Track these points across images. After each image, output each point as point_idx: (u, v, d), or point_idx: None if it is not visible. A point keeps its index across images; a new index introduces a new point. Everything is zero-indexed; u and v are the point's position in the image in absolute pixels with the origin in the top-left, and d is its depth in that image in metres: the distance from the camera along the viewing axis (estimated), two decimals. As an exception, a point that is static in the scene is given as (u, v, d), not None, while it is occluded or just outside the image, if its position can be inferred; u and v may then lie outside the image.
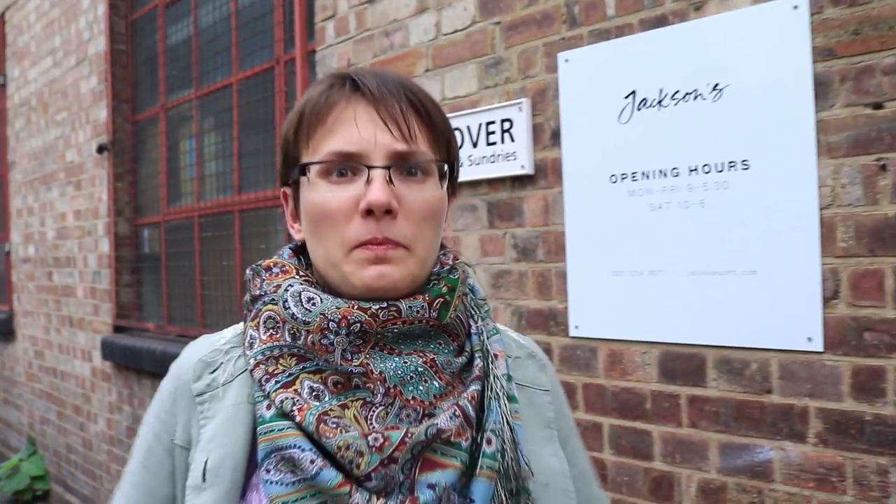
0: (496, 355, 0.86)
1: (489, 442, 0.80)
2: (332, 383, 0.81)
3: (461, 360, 0.86)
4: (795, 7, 1.70)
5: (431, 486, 0.76)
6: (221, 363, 0.88)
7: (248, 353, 0.85)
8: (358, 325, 0.79)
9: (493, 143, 2.27)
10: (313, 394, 0.80)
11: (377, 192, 0.79)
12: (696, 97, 1.87)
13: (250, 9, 3.59)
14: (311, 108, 0.85)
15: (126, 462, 3.65)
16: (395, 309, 0.81)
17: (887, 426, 1.57)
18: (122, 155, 4.61)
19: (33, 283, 5.72)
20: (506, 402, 0.83)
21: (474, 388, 0.82)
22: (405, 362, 0.81)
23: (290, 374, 0.81)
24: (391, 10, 2.61)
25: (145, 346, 4.05)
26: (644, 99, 1.96)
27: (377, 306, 0.80)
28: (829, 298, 1.66)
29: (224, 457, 0.82)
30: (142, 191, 4.62)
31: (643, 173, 1.96)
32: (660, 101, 1.94)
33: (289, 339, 0.83)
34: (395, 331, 0.81)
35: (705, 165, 1.85)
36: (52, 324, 5.41)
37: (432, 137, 0.85)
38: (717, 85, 1.84)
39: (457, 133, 2.34)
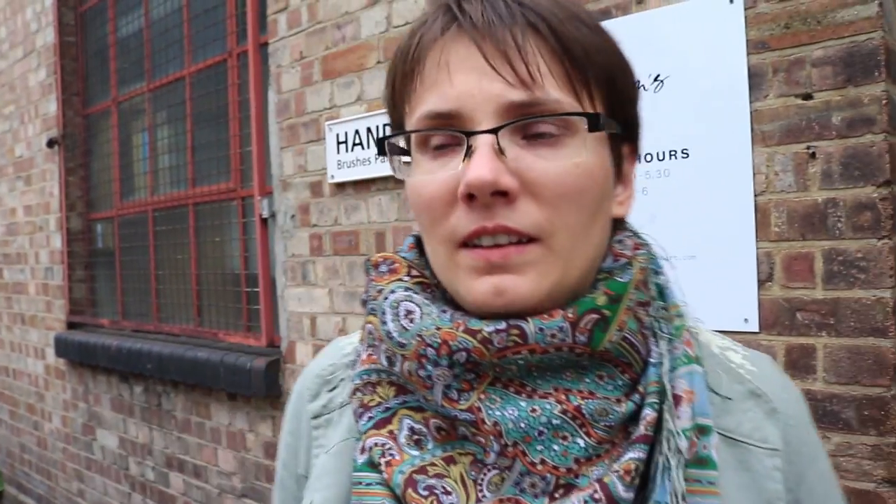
0: (679, 398, 0.58)
1: None
2: (434, 428, 0.60)
3: (625, 406, 0.58)
4: (731, 1, 1.77)
5: None
6: (341, 379, 0.70)
7: (350, 373, 0.67)
8: (464, 353, 0.56)
9: (445, 135, 2.31)
10: (413, 438, 0.60)
11: (477, 166, 0.55)
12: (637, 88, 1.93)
13: (202, 1, 3.57)
14: (401, 57, 0.64)
15: (79, 459, 3.64)
16: (517, 332, 0.56)
17: (817, 400, 1.66)
18: (74, 149, 4.55)
19: (-17, 281, 5.61)
20: (679, 474, 0.55)
21: (633, 455, 0.56)
22: (534, 410, 0.56)
23: (386, 409, 0.62)
24: (343, 2, 2.63)
25: (100, 342, 4.01)
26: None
27: (492, 328, 0.56)
28: (763, 281, 1.73)
29: (326, 502, 0.65)
30: (94, 185, 4.56)
31: (589, 163, 2.02)
32: (604, 93, 1.99)
33: (385, 364, 0.62)
34: (521, 362, 0.57)
35: (647, 154, 1.91)
36: (3, 322, 5.32)
37: (574, 75, 0.58)
38: (658, 76, 1.90)
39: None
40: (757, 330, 1.74)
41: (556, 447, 0.56)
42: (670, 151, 1.87)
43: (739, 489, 0.60)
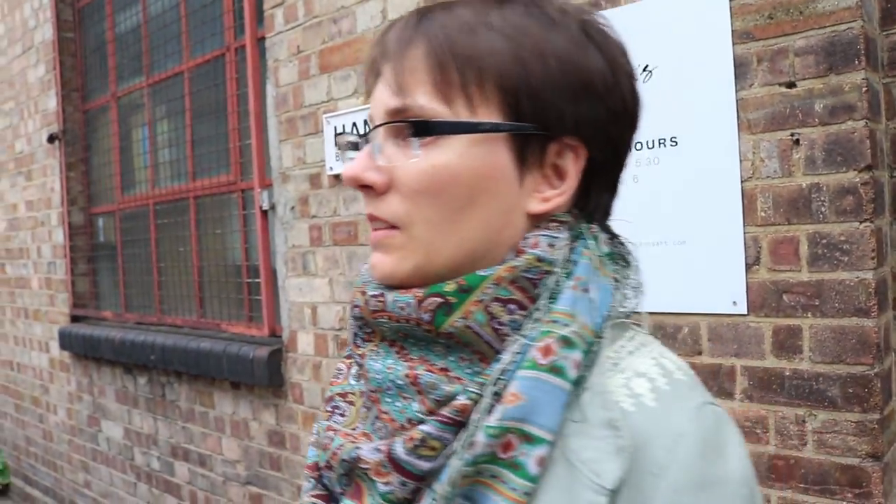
0: (501, 397, 0.60)
1: (420, 501, 0.61)
2: (357, 366, 0.71)
3: (451, 388, 0.62)
4: (717, -7, 1.82)
5: None
6: None
7: None
8: (357, 309, 0.68)
9: (440, 126, 2.36)
10: (354, 372, 0.72)
11: (348, 164, 0.66)
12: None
13: (199, -4, 3.62)
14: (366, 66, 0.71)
15: (85, 451, 3.72)
16: (382, 299, 0.65)
17: (804, 380, 1.71)
18: (74, 144, 4.60)
19: (-15, 276, 5.66)
20: (460, 463, 0.58)
21: (425, 427, 0.61)
22: (390, 368, 0.64)
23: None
24: (338, -3, 2.67)
25: (104, 335, 4.07)
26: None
27: (370, 293, 0.66)
28: (751, 264, 1.79)
29: None
30: (95, 180, 4.61)
31: (581, 152, 2.07)
32: (595, 83, 2.04)
33: None
34: (385, 325, 0.65)
35: (637, 143, 1.96)
36: (7, 316, 5.38)
37: (448, 83, 0.62)
38: (647, 66, 1.95)
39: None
40: (745, 312, 1.79)
41: (398, 404, 0.63)
42: (659, 140, 1.92)
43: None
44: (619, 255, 0.70)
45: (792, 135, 1.72)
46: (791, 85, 1.72)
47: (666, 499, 0.57)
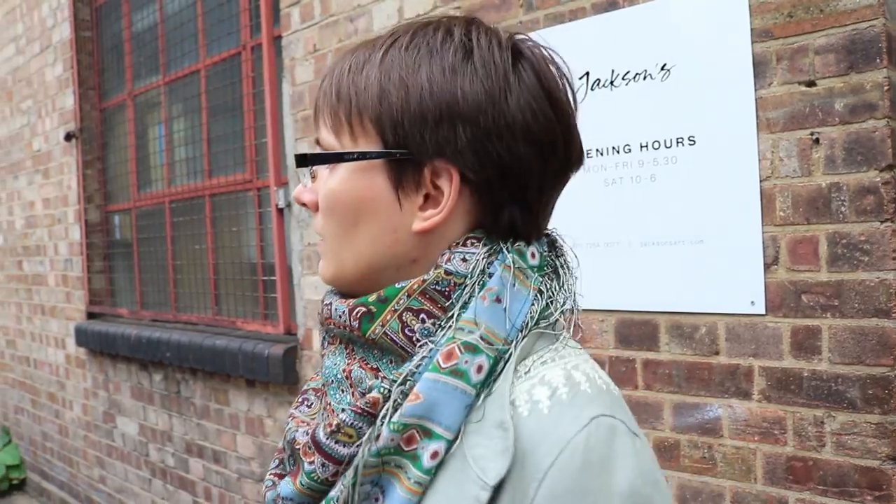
0: (405, 396, 0.65)
1: (336, 486, 0.67)
2: None
3: (373, 383, 0.68)
4: (736, -9, 1.81)
5: (277, 489, 0.72)
6: None
7: None
8: (319, 315, 0.77)
9: (456, 124, 2.36)
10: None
11: (297, 187, 0.78)
12: (645, 77, 1.97)
13: (216, -5, 3.63)
14: None
15: (100, 446, 3.75)
16: (329, 308, 0.73)
17: (822, 381, 1.70)
18: (91, 142, 4.63)
19: (3, 273, 5.71)
20: (365, 453, 0.64)
21: (342, 415, 0.67)
22: (335, 364, 0.73)
23: None
24: (355, -5, 2.68)
25: (120, 332, 4.10)
26: (597, 79, 2.06)
27: (326, 301, 0.75)
28: (769, 264, 1.77)
29: None
30: (111, 178, 4.64)
31: (597, 150, 2.06)
32: (612, 82, 2.04)
33: None
34: (335, 331, 0.73)
35: (655, 142, 1.95)
36: (24, 313, 5.42)
37: (336, 120, 0.71)
38: (665, 65, 1.94)
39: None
40: (763, 312, 1.78)
41: (338, 396, 0.71)
42: (677, 139, 1.91)
43: (448, 502, 0.63)
44: (550, 268, 0.73)
45: (812, 134, 1.71)
46: (811, 84, 1.71)
47: (542, 498, 0.60)
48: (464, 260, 0.69)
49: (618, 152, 2.02)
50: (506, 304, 0.67)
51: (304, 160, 0.74)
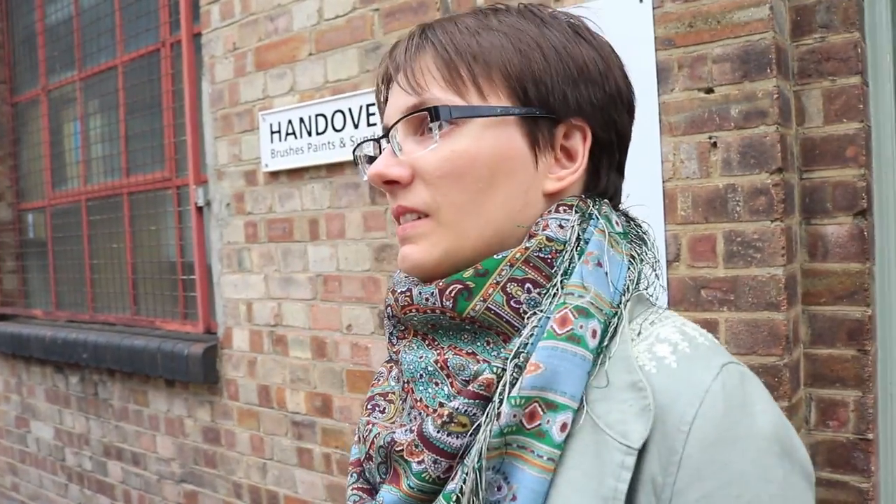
0: (522, 369, 0.62)
1: (454, 479, 0.62)
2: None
3: (477, 367, 0.65)
4: (640, 1, 1.90)
5: (380, 502, 0.66)
6: None
7: None
8: (389, 308, 0.72)
9: (374, 124, 2.39)
10: (394, 373, 0.77)
11: (373, 165, 0.70)
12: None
13: (134, -11, 3.56)
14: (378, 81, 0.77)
15: (12, 452, 3.64)
16: (409, 294, 0.69)
17: (719, 370, 1.80)
18: (2, 138, 4.47)
19: None
20: (487, 434, 0.60)
21: (453, 404, 0.63)
22: (421, 357, 0.68)
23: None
24: (275, -6, 2.68)
25: (34, 333, 3.97)
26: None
27: (399, 290, 0.70)
28: (671, 261, 1.87)
29: None
30: (24, 175, 4.49)
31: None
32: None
33: None
34: (416, 319, 0.69)
35: (566, 144, 2.03)
36: (-71, 315, 5.19)
37: (458, 76, 0.68)
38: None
39: (339, 115, 2.46)
40: (665, 307, 1.87)
41: (430, 390, 0.67)
42: (586, 141, 1.99)
43: (586, 475, 0.60)
44: (634, 235, 0.74)
45: (710, 138, 1.81)
46: (709, 90, 1.81)
47: (695, 454, 0.58)
48: (560, 226, 0.68)
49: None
50: (606, 268, 0.66)
51: (437, 113, 0.67)
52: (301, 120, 2.58)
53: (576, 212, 0.69)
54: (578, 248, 0.67)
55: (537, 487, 0.59)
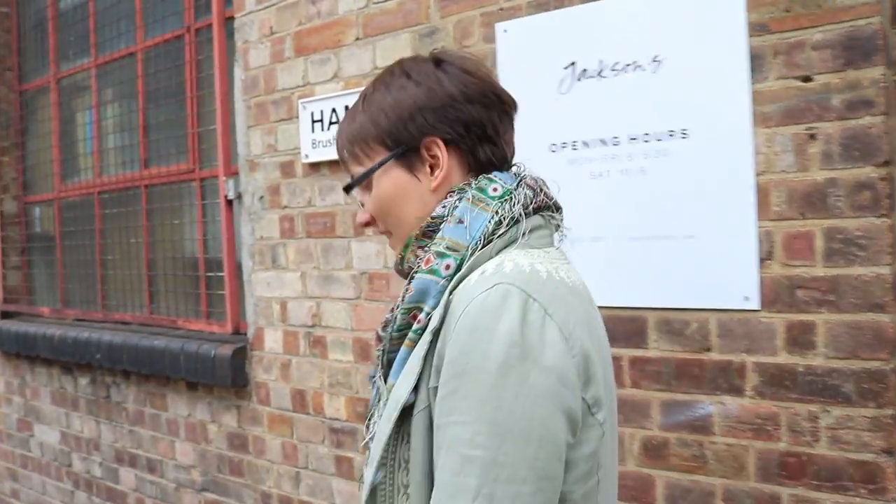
0: (408, 290, 0.99)
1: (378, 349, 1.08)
2: None
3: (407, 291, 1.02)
4: (732, -17, 1.79)
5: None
6: None
7: None
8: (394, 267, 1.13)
9: (431, 114, 2.27)
10: None
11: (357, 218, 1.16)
12: (635, 68, 1.93)
13: (155, -27, 3.42)
14: None
15: (13, 457, 3.42)
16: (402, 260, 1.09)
17: (817, 375, 1.69)
18: (7, 127, 4.29)
19: None
20: (389, 332, 1.01)
21: (387, 316, 1.05)
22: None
23: None
24: (318, -24, 2.55)
25: (40, 332, 3.81)
26: (584, 69, 2.01)
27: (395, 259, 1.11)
28: (764, 259, 1.76)
29: None
30: (31, 166, 4.32)
31: (583, 142, 2.01)
32: (600, 72, 1.99)
33: None
34: (399, 270, 1.09)
35: (645, 134, 1.91)
36: (-76, 312, 4.98)
37: (357, 154, 1.07)
38: (656, 56, 1.90)
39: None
40: (758, 308, 1.76)
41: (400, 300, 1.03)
42: (669, 131, 1.87)
43: (418, 346, 0.95)
44: (509, 196, 1.00)
45: (808, 129, 1.70)
46: (807, 79, 1.70)
47: (457, 335, 0.89)
48: (442, 206, 1.01)
49: (605, 144, 1.97)
50: (467, 223, 0.98)
51: (349, 187, 1.10)
52: (346, 108, 2.45)
53: (457, 193, 1.01)
54: (452, 215, 0.99)
55: (404, 354, 0.98)
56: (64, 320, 3.94)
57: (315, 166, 2.57)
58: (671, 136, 1.88)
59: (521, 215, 0.98)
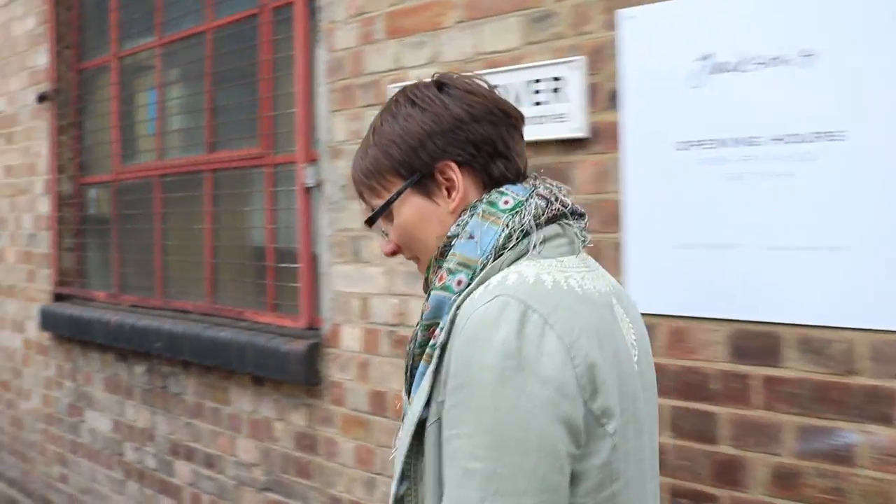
0: (426, 307, 1.03)
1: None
2: None
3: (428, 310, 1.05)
4: (902, -32, 1.61)
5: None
6: None
7: None
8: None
9: (539, 104, 2.11)
10: None
11: (382, 247, 1.19)
12: (781, 62, 1.76)
13: (229, -51, 3.28)
14: None
15: (63, 442, 3.30)
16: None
17: None
18: (66, 106, 4.19)
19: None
20: (412, 347, 1.04)
21: (414, 328, 1.06)
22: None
23: None
24: (416, -46, 2.39)
25: (96, 317, 3.71)
26: (720, 63, 1.84)
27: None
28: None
29: None
30: (88, 147, 4.21)
31: (718, 141, 1.84)
32: (738, 66, 1.82)
33: None
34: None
35: (791, 135, 1.74)
36: (-26, 291, 4.92)
37: (369, 190, 1.12)
38: (806, 50, 1.73)
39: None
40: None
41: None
42: (824, 133, 1.70)
43: (432, 362, 0.97)
44: (518, 207, 1.02)
45: None
46: None
47: (457, 347, 0.93)
48: (457, 225, 1.05)
49: (743, 145, 1.80)
50: (478, 238, 1.00)
51: (371, 221, 1.13)
52: (444, 96, 2.30)
53: (469, 210, 1.04)
54: (464, 231, 1.02)
55: (422, 369, 0.99)
56: (119, 306, 3.83)
57: (405, 156, 2.42)
58: (824, 137, 1.70)
59: (531, 226, 1.00)
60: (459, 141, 1.04)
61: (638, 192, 1.97)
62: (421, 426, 0.97)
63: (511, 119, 1.09)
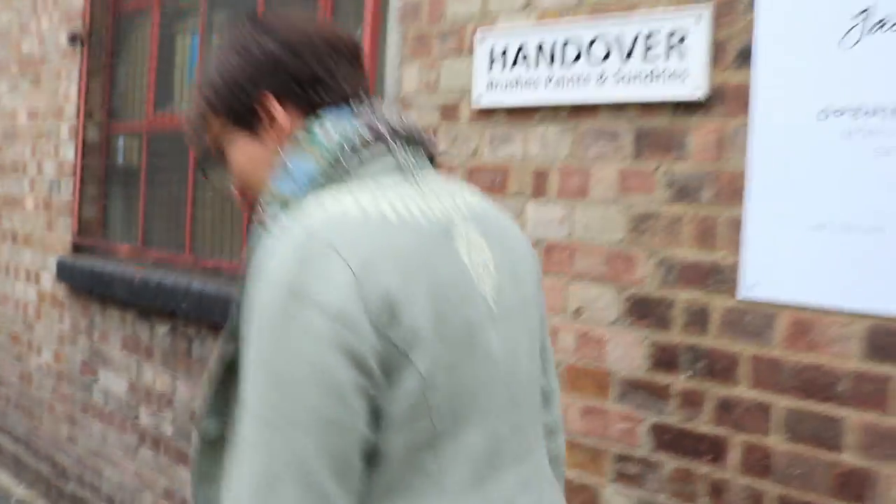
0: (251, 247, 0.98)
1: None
2: None
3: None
4: None
5: None
6: None
7: None
8: None
9: (654, 59, 1.88)
10: None
11: None
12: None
13: None
14: None
15: (73, 401, 3.01)
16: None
17: None
18: (99, 48, 3.96)
19: (-37, 190, 4.96)
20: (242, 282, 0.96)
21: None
22: None
23: None
24: None
25: (118, 272, 3.48)
26: (881, 20, 1.61)
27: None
28: None
29: None
30: (119, 93, 3.98)
31: (869, 110, 1.61)
32: (902, 23, 1.59)
33: None
34: None
35: (850, 111, 1.52)
36: (-13, 238, 4.71)
37: (200, 135, 1.10)
38: (882, 20, 1.51)
39: (600, 44, 1.95)
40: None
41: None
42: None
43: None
44: (337, 131, 0.99)
45: None
46: None
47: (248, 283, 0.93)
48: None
49: (902, 114, 1.58)
50: (292, 169, 0.97)
51: (202, 168, 1.16)
52: (540, 46, 2.06)
53: (291, 141, 1.01)
54: (280, 164, 1.00)
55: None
56: (143, 261, 3.61)
57: (487, 112, 2.20)
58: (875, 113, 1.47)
59: (344, 151, 0.96)
60: (275, 75, 1.01)
61: (767, 163, 1.74)
62: (233, 363, 0.95)
63: (330, 43, 1.04)
